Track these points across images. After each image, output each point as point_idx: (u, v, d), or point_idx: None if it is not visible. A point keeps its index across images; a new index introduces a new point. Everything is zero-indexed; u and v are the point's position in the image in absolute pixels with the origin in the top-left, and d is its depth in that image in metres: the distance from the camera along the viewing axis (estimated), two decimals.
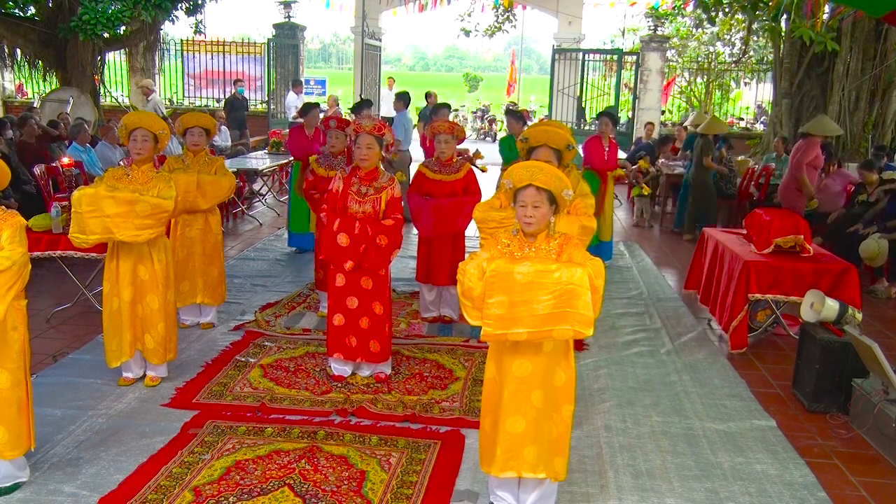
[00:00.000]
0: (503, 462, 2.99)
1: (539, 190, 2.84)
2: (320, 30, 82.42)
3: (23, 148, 8.06)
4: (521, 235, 2.96)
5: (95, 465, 3.43)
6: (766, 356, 5.21)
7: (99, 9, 10.45)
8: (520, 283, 2.72)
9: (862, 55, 10.20)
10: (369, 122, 4.36)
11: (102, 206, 3.89)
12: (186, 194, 4.87)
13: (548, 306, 2.70)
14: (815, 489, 3.47)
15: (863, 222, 7.10)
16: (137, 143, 4.14)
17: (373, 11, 16.49)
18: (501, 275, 2.75)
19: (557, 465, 3.03)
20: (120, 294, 4.12)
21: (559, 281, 2.69)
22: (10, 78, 16.44)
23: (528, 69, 51.13)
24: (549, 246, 2.90)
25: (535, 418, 2.96)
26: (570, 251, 2.87)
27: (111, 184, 4.04)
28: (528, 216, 2.87)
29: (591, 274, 2.74)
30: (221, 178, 5.10)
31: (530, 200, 2.85)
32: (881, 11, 5.25)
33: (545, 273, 2.72)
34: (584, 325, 2.73)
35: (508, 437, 2.97)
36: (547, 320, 2.73)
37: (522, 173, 2.88)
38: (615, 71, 15.63)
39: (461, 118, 22.81)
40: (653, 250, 8.41)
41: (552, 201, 2.87)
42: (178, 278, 5.11)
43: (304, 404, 4.14)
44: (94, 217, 3.88)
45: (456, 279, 5.73)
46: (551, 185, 2.84)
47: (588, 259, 2.84)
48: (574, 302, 2.70)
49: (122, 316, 4.14)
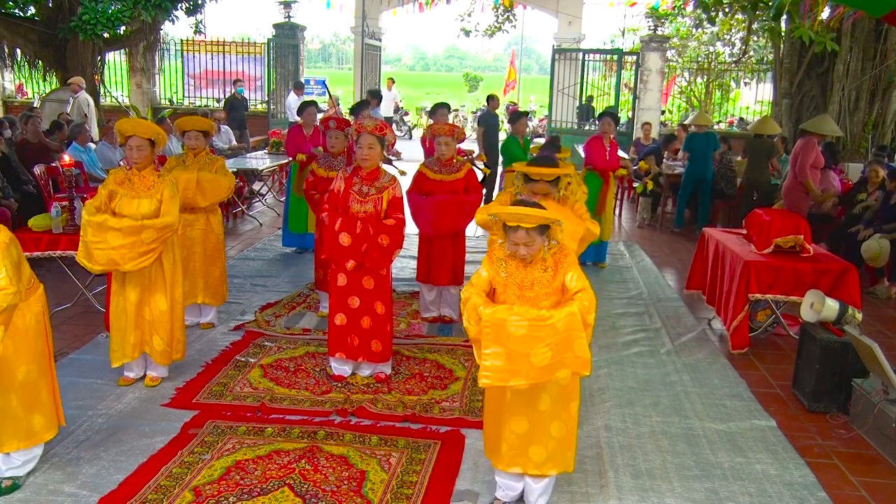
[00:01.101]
0: (510, 458, 3.05)
1: (528, 231, 2.88)
2: (320, 30, 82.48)
3: (23, 148, 8.06)
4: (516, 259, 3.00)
5: (95, 465, 3.44)
6: (766, 356, 5.21)
7: (99, 9, 10.45)
8: (515, 337, 2.74)
9: (862, 55, 10.20)
10: (370, 121, 4.36)
11: (108, 238, 3.89)
12: (185, 191, 4.88)
13: (545, 357, 2.75)
14: (815, 489, 3.47)
15: (863, 223, 7.10)
16: (133, 151, 4.10)
17: (373, 11, 16.49)
18: (495, 325, 2.76)
19: (568, 460, 3.11)
20: (126, 294, 4.14)
21: (555, 331, 2.73)
22: (10, 78, 16.43)
23: (528, 69, 51.10)
24: (545, 266, 2.95)
25: (539, 420, 2.99)
26: (564, 271, 2.92)
27: (113, 188, 4.03)
28: (524, 255, 2.93)
29: (583, 310, 2.80)
30: (221, 177, 5.10)
31: (521, 241, 2.90)
32: (881, 11, 5.25)
33: (540, 325, 2.73)
34: (582, 367, 2.81)
35: (514, 436, 3.02)
36: (546, 371, 2.79)
37: (510, 219, 2.91)
38: (615, 71, 15.62)
39: (461, 118, 22.80)
40: (653, 250, 8.41)
41: (544, 229, 2.92)
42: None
43: (304, 404, 4.14)
44: (98, 249, 3.91)
45: (456, 279, 5.76)
46: (537, 223, 2.89)
47: (580, 284, 2.89)
48: (571, 346, 2.77)
49: (126, 316, 4.14)
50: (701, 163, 9.16)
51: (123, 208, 4.04)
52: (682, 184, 9.39)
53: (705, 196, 9.23)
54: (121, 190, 4.06)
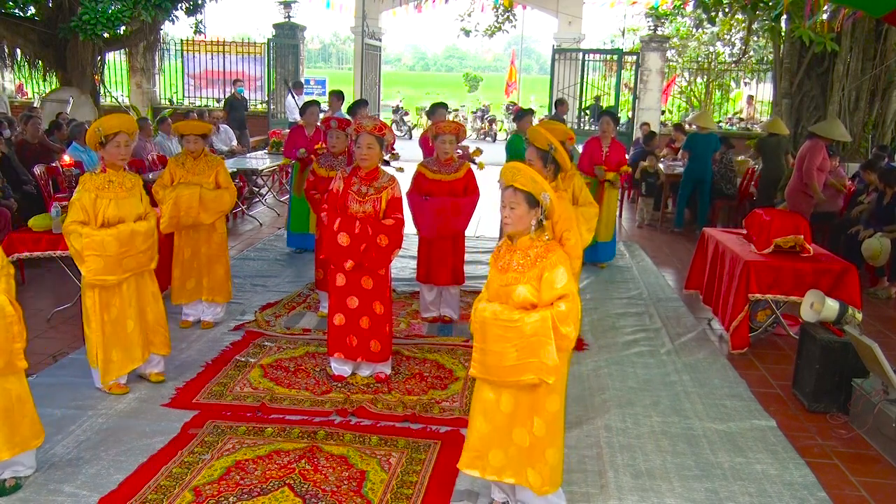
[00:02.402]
0: (469, 459, 3.05)
1: (516, 191, 2.86)
2: (320, 30, 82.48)
3: (23, 148, 8.06)
4: (507, 240, 2.99)
5: (95, 465, 3.43)
6: (766, 356, 5.21)
7: (99, 9, 10.44)
8: (490, 334, 2.86)
9: (862, 55, 10.19)
10: (370, 121, 4.36)
11: (107, 247, 3.93)
12: (189, 210, 4.94)
13: (512, 358, 2.81)
14: (815, 489, 3.47)
15: (862, 223, 7.10)
16: (122, 148, 4.05)
17: (373, 11, 16.49)
18: (478, 321, 2.92)
19: (531, 477, 2.95)
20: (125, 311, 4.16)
21: (521, 334, 2.78)
22: (10, 78, 16.43)
23: (528, 69, 51.12)
24: (527, 254, 2.89)
25: (501, 423, 2.96)
26: (543, 265, 2.84)
27: (96, 193, 3.97)
28: (505, 216, 2.91)
29: (558, 317, 2.77)
30: (224, 192, 5.13)
31: (508, 201, 2.89)
32: (881, 11, 5.25)
33: (508, 326, 2.80)
34: (546, 373, 2.80)
35: (477, 435, 3.02)
36: (512, 371, 2.83)
37: (506, 174, 2.93)
38: (615, 71, 15.62)
39: (460, 118, 22.80)
40: (653, 250, 8.41)
41: (533, 203, 2.87)
42: (184, 276, 5.15)
43: (304, 404, 4.14)
44: (94, 255, 3.91)
45: (456, 279, 5.77)
46: (528, 186, 2.85)
47: (566, 289, 2.80)
48: (537, 351, 2.78)
49: (126, 332, 4.15)
50: (701, 162, 9.15)
51: (120, 211, 4.04)
52: (682, 183, 9.38)
53: (704, 196, 9.23)
54: (103, 195, 3.98)
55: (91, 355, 4.10)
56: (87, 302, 4.03)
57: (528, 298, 2.82)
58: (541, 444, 2.94)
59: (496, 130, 22.21)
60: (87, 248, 3.89)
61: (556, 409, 2.95)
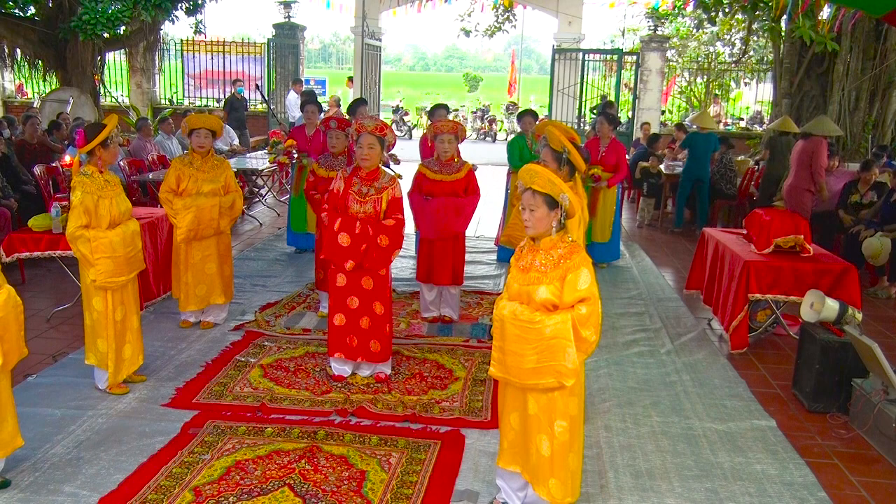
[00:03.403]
0: (510, 455, 3.06)
1: (535, 193, 2.85)
2: (320, 30, 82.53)
3: (22, 148, 8.06)
4: (529, 241, 2.98)
5: (95, 465, 3.43)
6: (766, 356, 5.21)
7: (99, 9, 10.44)
8: (509, 333, 2.86)
9: (862, 55, 10.20)
10: (371, 121, 4.36)
11: (116, 248, 4.00)
12: (211, 222, 4.99)
13: (532, 361, 2.81)
14: (815, 489, 3.47)
15: (864, 223, 7.10)
16: (112, 148, 4.09)
17: (373, 11, 16.48)
18: (498, 320, 2.92)
19: (553, 489, 2.92)
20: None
21: (541, 336, 2.77)
22: (10, 78, 16.43)
23: (528, 69, 51.14)
24: (550, 254, 2.88)
25: (530, 423, 2.95)
26: (567, 266, 2.82)
27: (98, 194, 3.97)
28: (526, 219, 2.90)
29: (578, 320, 2.76)
30: (237, 197, 5.17)
31: (527, 203, 2.89)
32: (881, 11, 5.25)
33: (528, 328, 2.80)
34: (566, 376, 2.80)
35: (512, 432, 3.03)
36: (532, 374, 2.83)
37: (524, 176, 2.91)
38: (615, 71, 15.63)
39: (460, 118, 22.79)
40: (653, 250, 8.41)
41: (552, 205, 2.85)
42: (195, 282, 5.14)
43: (304, 404, 4.14)
44: (105, 258, 3.97)
45: (456, 279, 5.76)
46: (546, 188, 2.84)
47: (587, 292, 2.78)
48: (556, 356, 2.78)
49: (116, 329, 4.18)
50: (700, 162, 9.16)
51: (120, 210, 4.07)
52: (681, 183, 9.38)
53: (703, 196, 9.23)
54: (101, 194, 4.00)
55: (100, 357, 4.11)
56: (96, 306, 4.04)
57: (549, 299, 2.81)
58: (563, 449, 2.92)
59: (496, 130, 22.21)
60: (98, 251, 3.91)
61: (575, 413, 2.95)
